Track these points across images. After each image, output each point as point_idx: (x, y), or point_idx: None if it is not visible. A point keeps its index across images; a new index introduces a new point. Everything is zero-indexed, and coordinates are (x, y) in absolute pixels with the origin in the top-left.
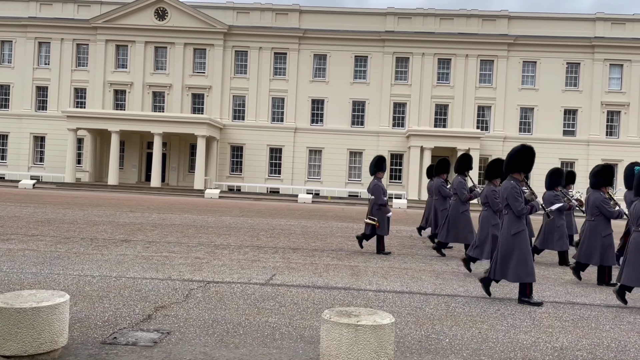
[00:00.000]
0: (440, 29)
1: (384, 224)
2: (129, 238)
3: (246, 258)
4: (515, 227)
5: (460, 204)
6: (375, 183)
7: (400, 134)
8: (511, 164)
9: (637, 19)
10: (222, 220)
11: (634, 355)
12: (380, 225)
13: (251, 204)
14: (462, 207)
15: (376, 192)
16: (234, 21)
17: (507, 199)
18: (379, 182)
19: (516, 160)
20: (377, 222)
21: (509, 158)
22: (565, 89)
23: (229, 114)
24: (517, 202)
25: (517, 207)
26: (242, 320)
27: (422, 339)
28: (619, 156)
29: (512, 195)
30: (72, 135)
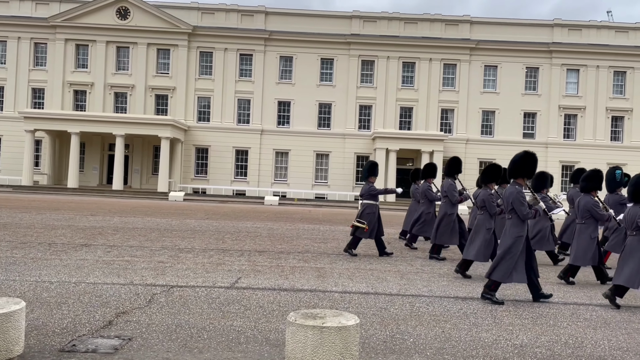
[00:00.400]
0: (404, 32)
1: (373, 229)
2: (89, 242)
3: (211, 261)
4: (517, 231)
5: (450, 206)
6: (369, 187)
7: (366, 136)
8: (515, 169)
9: (593, 25)
10: (186, 224)
11: (590, 351)
12: (368, 229)
13: (217, 207)
14: (451, 210)
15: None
16: (199, 22)
17: (512, 203)
18: (372, 186)
19: (519, 166)
20: (366, 226)
21: (513, 164)
22: (525, 93)
23: (193, 116)
24: (523, 207)
25: (522, 211)
26: (206, 324)
27: (387, 339)
28: (576, 158)
29: (518, 200)
30: (29, 137)
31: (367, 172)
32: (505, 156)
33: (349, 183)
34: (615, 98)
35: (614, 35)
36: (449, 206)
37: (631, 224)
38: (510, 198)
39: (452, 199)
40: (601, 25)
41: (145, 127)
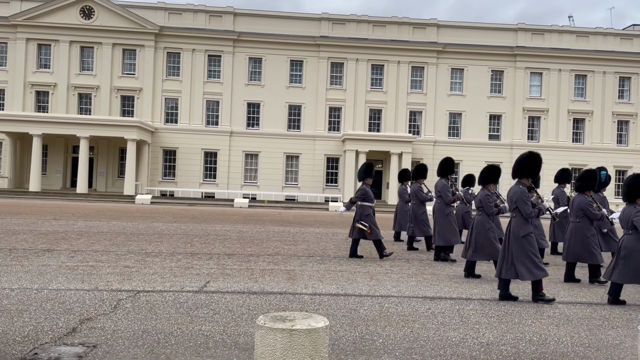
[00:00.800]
0: (373, 35)
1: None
2: (52, 247)
3: (179, 265)
4: (523, 230)
5: (444, 206)
6: (364, 189)
7: (336, 138)
8: (519, 169)
9: (555, 30)
10: (153, 227)
11: (553, 347)
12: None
13: (185, 210)
14: (447, 210)
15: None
16: (166, 22)
17: (516, 202)
18: (367, 187)
19: (524, 166)
20: (368, 229)
21: (517, 164)
22: (490, 96)
23: (161, 117)
24: (527, 206)
25: (526, 210)
26: (174, 329)
27: (357, 340)
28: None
29: (522, 199)
30: None
31: (363, 174)
32: (472, 157)
33: (319, 185)
34: (577, 101)
35: (575, 40)
36: (443, 206)
37: (626, 223)
38: (515, 197)
39: (446, 199)
40: (563, 30)
41: (110, 129)
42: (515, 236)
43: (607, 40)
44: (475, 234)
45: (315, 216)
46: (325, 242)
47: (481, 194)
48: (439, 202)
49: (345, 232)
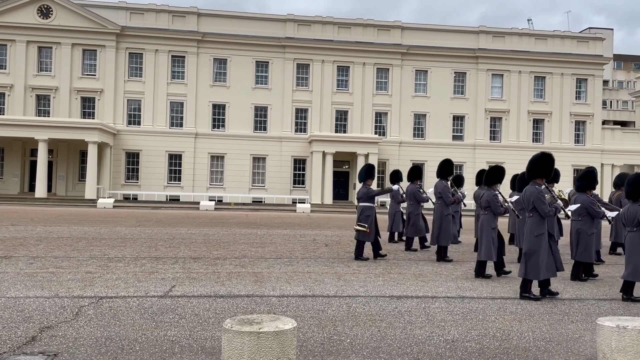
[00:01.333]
0: (338, 37)
1: (373, 231)
2: (9, 254)
3: (143, 270)
4: (538, 230)
5: (444, 207)
6: (366, 190)
7: (302, 139)
8: (533, 170)
9: (515, 33)
10: (116, 231)
11: (516, 342)
12: (369, 231)
13: (149, 213)
14: (446, 210)
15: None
16: (127, 22)
17: (533, 202)
18: (368, 188)
19: (537, 167)
20: (367, 229)
21: (531, 165)
22: (454, 97)
23: (123, 119)
24: (544, 205)
25: (544, 209)
26: (138, 336)
27: (324, 341)
28: (502, 159)
29: (539, 199)
30: None
31: (364, 175)
32: (436, 158)
33: (286, 186)
34: (536, 102)
35: (534, 43)
36: (444, 207)
37: (632, 221)
38: (532, 197)
39: (447, 200)
40: (522, 33)
41: (70, 132)
42: (529, 236)
43: (565, 43)
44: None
45: (282, 218)
46: (293, 243)
47: (488, 195)
48: (440, 203)
49: (312, 234)
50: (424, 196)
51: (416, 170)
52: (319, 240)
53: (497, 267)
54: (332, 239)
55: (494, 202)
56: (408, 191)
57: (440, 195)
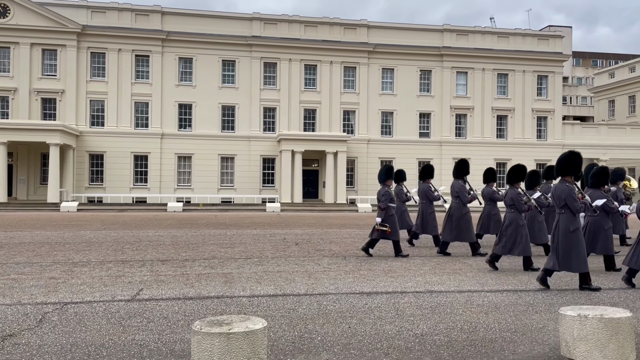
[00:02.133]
0: (305, 35)
1: (396, 229)
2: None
3: (109, 274)
4: (572, 225)
5: (462, 206)
6: (385, 190)
7: (271, 139)
8: (562, 168)
9: (478, 31)
10: (81, 235)
11: (482, 334)
12: (392, 230)
13: (115, 216)
14: (464, 209)
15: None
16: (89, 21)
17: (565, 199)
18: (388, 189)
19: (566, 165)
20: (389, 229)
21: (560, 163)
22: (420, 95)
23: (86, 120)
24: (576, 202)
25: (575, 206)
26: (105, 341)
27: (295, 339)
28: (467, 155)
29: (570, 196)
30: None
31: (384, 176)
32: (404, 155)
33: (255, 186)
34: (499, 99)
35: (497, 40)
36: (461, 206)
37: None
38: (563, 195)
39: (464, 199)
40: (485, 31)
41: (30, 134)
42: (565, 232)
43: (526, 40)
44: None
45: (252, 218)
46: (263, 243)
47: (512, 193)
48: (457, 202)
49: (280, 233)
50: (436, 194)
51: (429, 170)
52: (289, 239)
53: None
54: (302, 237)
55: (518, 200)
56: (421, 190)
57: (458, 195)
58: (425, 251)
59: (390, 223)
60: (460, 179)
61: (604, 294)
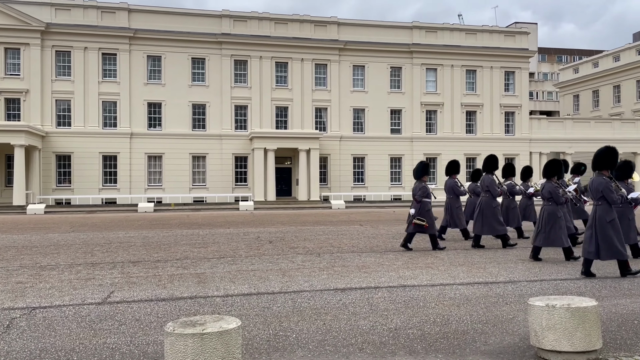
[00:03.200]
0: (275, 33)
1: (433, 223)
2: None
3: (79, 277)
4: (609, 216)
5: (492, 199)
6: (422, 186)
7: (243, 137)
8: (600, 162)
9: (447, 28)
10: (49, 238)
11: (455, 326)
12: (429, 225)
13: (84, 218)
14: (494, 203)
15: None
16: (53, 18)
17: (602, 192)
18: (425, 184)
19: (603, 160)
20: (426, 223)
21: (597, 158)
22: (391, 91)
23: (52, 120)
24: (613, 194)
25: (613, 198)
26: (75, 345)
27: (270, 338)
28: (438, 150)
29: (608, 188)
30: None
31: (420, 172)
32: (376, 151)
33: (228, 184)
34: (468, 94)
35: (465, 37)
36: (491, 200)
37: None
38: (600, 187)
39: (494, 193)
40: (454, 28)
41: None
42: (602, 222)
43: (493, 37)
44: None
45: (225, 217)
46: (237, 242)
47: (549, 186)
48: (487, 196)
49: (254, 231)
50: (462, 189)
51: (455, 166)
52: (262, 237)
53: (566, 252)
54: (277, 235)
55: (555, 194)
56: (448, 185)
57: (488, 189)
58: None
59: (427, 217)
60: (490, 173)
61: (571, 284)
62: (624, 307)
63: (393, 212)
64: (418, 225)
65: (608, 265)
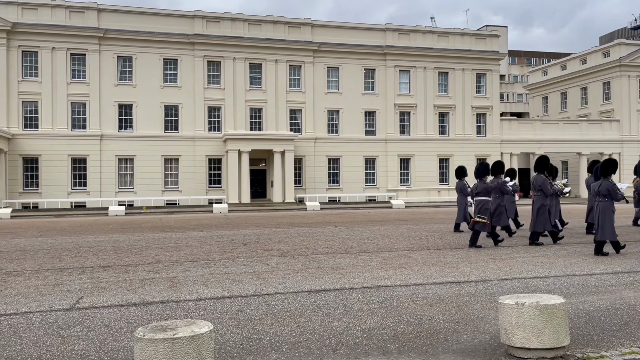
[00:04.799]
0: (249, 34)
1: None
2: None
3: (46, 283)
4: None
5: (544, 198)
6: (484, 186)
7: (217, 139)
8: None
9: (419, 30)
10: (15, 243)
11: (427, 326)
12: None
13: (52, 222)
14: (546, 201)
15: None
16: (19, 18)
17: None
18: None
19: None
20: (487, 220)
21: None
22: (365, 93)
23: (18, 122)
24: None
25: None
26: (42, 353)
27: (244, 341)
28: (412, 151)
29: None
30: None
31: (482, 172)
32: (351, 153)
33: (201, 187)
34: (441, 96)
35: (437, 40)
36: (543, 198)
37: None
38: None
39: (547, 192)
40: (426, 30)
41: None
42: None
43: (464, 40)
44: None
45: (198, 219)
46: (210, 245)
47: (607, 184)
48: (539, 195)
49: (228, 234)
50: (509, 188)
51: (500, 166)
52: (236, 240)
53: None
54: (251, 237)
55: (614, 191)
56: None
57: (540, 188)
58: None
59: (487, 215)
60: (542, 173)
61: (540, 282)
62: (591, 304)
63: (368, 213)
64: (480, 224)
65: (576, 263)
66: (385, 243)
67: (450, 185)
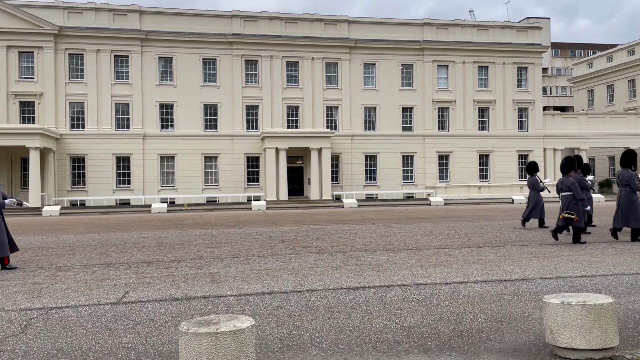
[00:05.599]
0: (285, 32)
1: (581, 218)
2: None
3: (94, 278)
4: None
5: (632, 193)
6: (572, 181)
7: (254, 136)
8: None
9: (458, 24)
10: (64, 240)
11: (469, 324)
12: (578, 218)
13: (98, 219)
14: (634, 196)
15: (575, 189)
16: (66, 22)
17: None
18: (574, 179)
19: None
20: (575, 217)
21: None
22: (402, 89)
23: (66, 123)
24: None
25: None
26: (92, 345)
27: (284, 336)
28: (450, 148)
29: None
30: None
31: (568, 168)
32: (388, 149)
33: (240, 184)
34: (480, 91)
35: (477, 33)
36: (631, 194)
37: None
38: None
39: (634, 187)
40: (465, 24)
41: (10, 138)
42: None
43: (505, 33)
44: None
45: (238, 216)
46: (249, 242)
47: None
48: (627, 190)
49: (266, 231)
50: (587, 184)
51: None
52: (275, 237)
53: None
54: (289, 234)
55: (633, 181)
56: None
57: (628, 183)
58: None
59: (577, 211)
60: (629, 168)
61: (587, 281)
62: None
63: (406, 210)
64: (568, 219)
65: (625, 262)
66: (424, 240)
67: (491, 182)
